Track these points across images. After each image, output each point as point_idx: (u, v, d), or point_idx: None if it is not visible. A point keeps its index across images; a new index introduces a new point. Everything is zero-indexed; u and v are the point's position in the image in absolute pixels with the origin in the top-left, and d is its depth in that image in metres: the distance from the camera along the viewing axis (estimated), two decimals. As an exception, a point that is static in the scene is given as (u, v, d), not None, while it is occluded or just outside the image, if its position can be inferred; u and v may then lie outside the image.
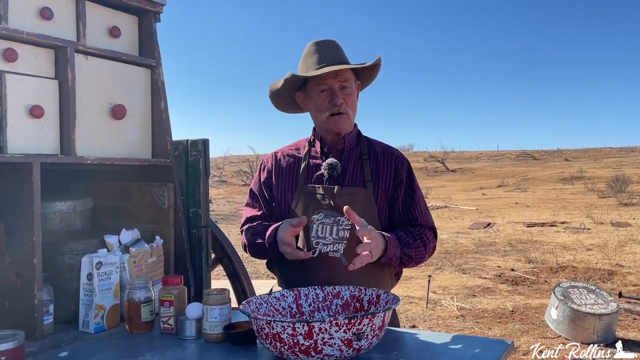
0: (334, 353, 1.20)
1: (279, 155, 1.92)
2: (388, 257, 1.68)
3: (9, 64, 1.51)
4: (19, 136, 1.51)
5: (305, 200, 1.78)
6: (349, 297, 1.51)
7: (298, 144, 1.94)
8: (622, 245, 8.94)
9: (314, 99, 1.80)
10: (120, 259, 1.67)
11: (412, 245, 1.73)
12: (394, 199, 1.80)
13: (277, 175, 1.87)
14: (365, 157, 1.81)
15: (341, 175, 1.79)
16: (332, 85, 1.76)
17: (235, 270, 2.37)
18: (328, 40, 1.84)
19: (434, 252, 1.83)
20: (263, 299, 1.47)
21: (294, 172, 1.85)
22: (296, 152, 1.90)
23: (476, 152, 48.19)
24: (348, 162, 1.81)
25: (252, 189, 1.95)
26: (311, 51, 1.81)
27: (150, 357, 1.35)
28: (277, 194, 1.85)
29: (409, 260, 1.74)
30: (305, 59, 1.82)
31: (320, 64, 1.77)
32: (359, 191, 1.76)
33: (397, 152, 1.87)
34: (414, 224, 1.79)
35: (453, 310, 5.42)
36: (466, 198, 19.83)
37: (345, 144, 1.82)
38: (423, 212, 1.81)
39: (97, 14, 1.75)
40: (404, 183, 1.81)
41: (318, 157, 1.85)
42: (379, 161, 1.82)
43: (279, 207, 1.83)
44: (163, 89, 1.88)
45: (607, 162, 33.84)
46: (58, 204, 1.79)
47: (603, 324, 4.36)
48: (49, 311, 1.56)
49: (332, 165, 1.78)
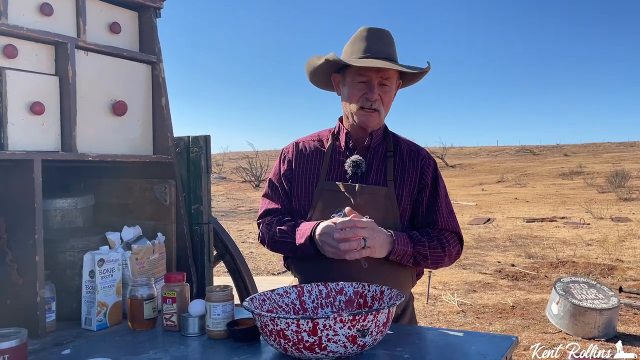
0: (339, 349, 1.20)
1: (301, 146, 1.84)
2: (398, 254, 1.63)
3: (9, 60, 1.50)
4: (20, 133, 1.50)
5: (325, 198, 1.72)
6: (352, 293, 1.51)
7: (321, 135, 1.87)
8: (622, 240, 8.95)
9: (350, 87, 1.72)
10: (122, 256, 1.66)
11: (427, 245, 1.66)
12: (418, 202, 1.74)
13: (298, 167, 1.80)
14: (390, 155, 1.75)
15: (365, 173, 1.73)
16: (372, 79, 1.68)
17: (237, 267, 2.37)
18: (382, 30, 1.73)
19: (457, 256, 1.75)
20: (266, 295, 1.46)
21: (316, 167, 1.78)
22: (319, 144, 1.83)
23: (475, 148, 48.19)
24: (373, 159, 1.75)
25: (271, 179, 1.88)
26: (361, 37, 1.72)
27: (154, 355, 1.34)
28: (297, 188, 1.79)
29: (424, 259, 1.67)
30: (353, 43, 1.73)
31: (366, 53, 1.69)
32: (380, 190, 1.70)
33: (424, 152, 1.80)
34: (434, 227, 1.73)
35: (454, 306, 5.42)
36: (466, 194, 19.82)
37: (371, 141, 1.76)
38: (445, 216, 1.74)
39: (97, 10, 1.74)
40: (429, 186, 1.75)
41: (342, 153, 1.78)
42: (404, 160, 1.75)
43: (298, 202, 1.78)
44: (164, 85, 1.87)
45: (606, 157, 33.85)
46: (59, 201, 1.78)
47: (604, 319, 4.36)
48: (51, 309, 1.56)
49: (357, 163, 1.72)
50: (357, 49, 1.71)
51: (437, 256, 1.68)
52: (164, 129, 1.87)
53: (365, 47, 1.70)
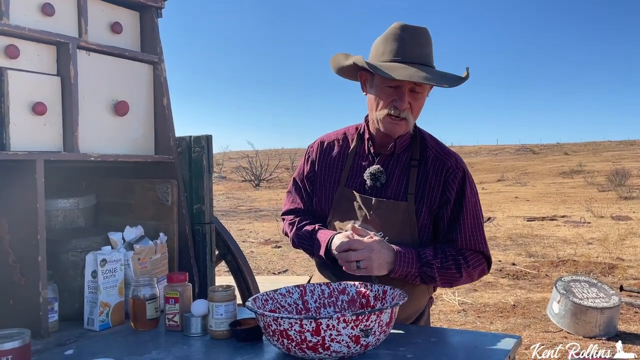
0: (342, 349, 1.20)
1: (326, 145, 1.78)
2: (399, 274, 1.54)
3: (11, 60, 1.50)
4: (22, 133, 1.50)
5: (342, 206, 1.67)
6: (354, 293, 1.51)
7: (347, 132, 1.77)
8: (622, 239, 8.95)
9: (378, 90, 1.59)
10: (125, 256, 1.66)
11: (437, 266, 1.54)
12: (439, 218, 1.61)
13: (321, 169, 1.76)
14: (415, 164, 1.62)
15: (385, 184, 1.63)
16: (403, 86, 1.54)
17: (239, 267, 2.36)
18: (418, 28, 1.56)
19: (481, 275, 1.62)
20: (269, 295, 1.46)
21: (338, 170, 1.72)
22: (344, 144, 1.75)
23: (475, 147, 48.16)
24: (395, 168, 1.64)
25: (295, 178, 1.85)
26: (394, 36, 1.56)
27: (156, 355, 1.34)
28: (318, 191, 1.75)
29: (431, 280, 1.56)
30: (385, 42, 1.58)
31: (399, 56, 1.54)
32: (399, 205, 1.60)
33: (451, 161, 1.63)
34: (453, 246, 1.60)
35: (454, 305, 5.42)
36: (466, 192, 19.80)
37: (395, 148, 1.65)
38: (467, 233, 1.59)
39: (98, 10, 1.73)
40: (452, 202, 1.60)
41: (365, 157, 1.69)
42: (428, 170, 1.62)
43: (319, 205, 1.74)
44: (165, 85, 1.87)
45: (606, 155, 33.84)
46: (61, 201, 1.78)
47: (605, 318, 4.36)
48: (54, 309, 1.56)
49: (375, 175, 1.63)
50: (389, 49, 1.56)
51: (450, 277, 1.57)
52: (165, 128, 1.87)
53: (398, 49, 1.55)
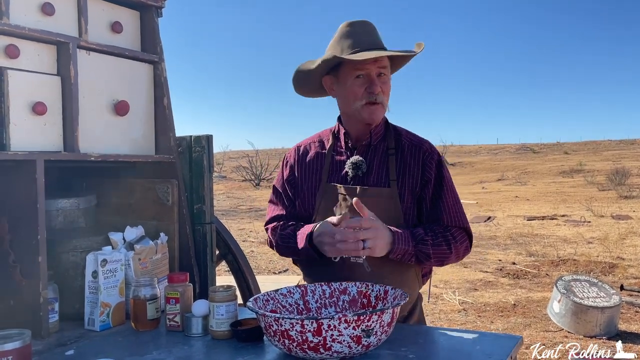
0: (343, 350, 1.19)
1: (302, 150, 1.83)
2: (398, 253, 1.59)
3: (11, 60, 1.50)
4: (22, 133, 1.50)
5: (328, 201, 1.70)
6: (356, 293, 1.50)
7: (321, 135, 1.84)
8: (622, 238, 8.95)
9: (348, 85, 1.66)
10: (125, 256, 1.66)
11: (430, 243, 1.61)
12: (422, 198, 1.68)
13: (300, 171, 1.79)
14: (392, 152, 1.70)
15: (366, 173, 1.69)
16: (371, 72, 1.63)
17: (239, 267, 2.36)
18: (364, 21, 1.70)
19: (466, 253, 1.70)
20: (270, 295, 1.46)
21: (318, 169, 1.76)
22: (319, 145, 1.81)
23: (476, 146, 48.13)
24: (374, 158, 1.71)
25: (275, 186, 1.87)
26: (346, 32, 1.67)
27: (157, 355, 1.34)
28: (300, 193, 1.77)
29: (426, 258, 1.62)
30: (340, 41, 1.68)
31: (356, 47, 1.63)
32: (382, 191, 1.66)
33: (426, 145, 1.73)
34: (439, 223, 1.68)
35: (455, 305, 5.42)
36: (466, 192, 19.82)
37: (372, 138, 1.72)
38: (451, 212, 1.68)
39: (98, 10, 1.73)
40: (432, 181, 1.69)
41: (342, 153, 1.75)
42: (405, 156, 1.70)
43: (302, 206, 1.76)
44: (166, 84, 1.87)
45: (606, 154, 33.82)
46: (61, 201, 1.77)
47: (605, 317, 4.36)
48: (54, 309, 1.55)
49: (356, 164, 1.69)
50: (346, 45, 1.66)
51: (441, 254, 1.63)
52: (166, 128, 1.87)
53: (353, 42, 1.65)
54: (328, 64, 1.68)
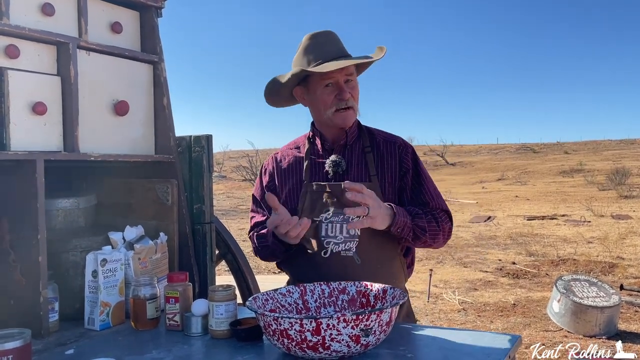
0: (342, 349, 1.20)
1: (279, 157, 1.87)
2: (399, 226, 1.61)
3: (11, 60, 1.50)
4: (22, 133, 1.50)
5: (312, 200, 1.73)
6: (355, 292, 1.51)
7: (297, 142, 1.89)
8: (622, 238, 8.95)
9: (318, 94, 1.74)
10: (125, 256, 1.66)
11: (424, 218, 1.68)
12: (402, 189, 1.76)
13: (280, 177, 1.83)
14: (368, 150, 1.77)
15: (346, 171, 1.75)
16: (339, 80, 1.72)
17: (239, 266, 2.37)
18: (326, 31, 1.77)
19: (450, 235, 1.77)
20: (269, 295, 1.46)
21: (297, 173, 1.80)
22: (296, 151, 1.85)
23: (476, 146, 48.12)
24: (352, 156, 1.77)
25: (254, 195, 1.90)
26: (310, 45, 1.75)
27: (157, 354, 1.34)
28: (283, 196, 1.80)
29: (422, 232, 1.66)
30: (305, 53, 1.75)
31: (322, 58, 1.71)
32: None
33: (400, 140, 1.82)
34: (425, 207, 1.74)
35: (455, 304, 5.42)
36: (466, 192, 19.83)
37: (347, 138, 1.78)
38: (434, 196, 1.76)
39: (98, 10, 1.74)
40: (410, 171, 1.77)
41: (320, 155, 1.80)
42: (382, 152, 1.77)
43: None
44: (166, 84, 1.88)
45: (607, 154, 33.82)
46: (62, 201, 1.78)
47: (605, 317, 4.37)
48: (54, 309, 1.56)
49: (336, 162, 1.74)
50: (311, 58, 1.73)
51: (433, 231, 1.69)
52: (165, 128, 1.87)
53: (319, 53, 1.72)
54: (298, 77, 1.75)
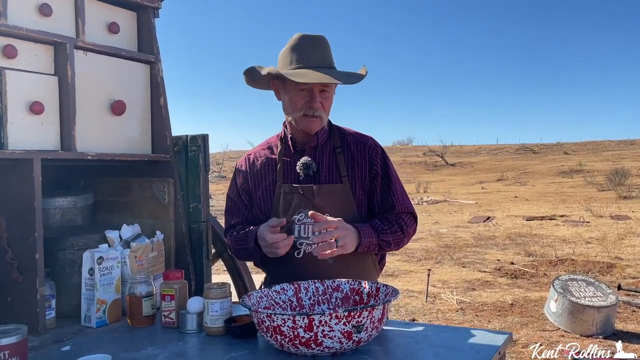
0: (334, 345, 1.21)
1: (252, 158, 1.88)
2: (365, 246, 1.69)
3: (8, 60, 1.52)
4: (20, 132, 1.52)
5: (285, 201, 1.75)
6: (348, 290, 1.52)
7: (270, 142, 1.89)
8: (621, 238, 8.96)
9: (291, 95, 1.75)
10: (122, 253, 1.68)
11: (389, 231, 1.74)
12: (372, 190, 1.79)
13: (253, 178, 1.84)
14: (339, 151, 1.79)
15: (317, 172, 1.77)
16: (313, 89, 1.72)
17: (235, 265, 2.38)
18: (316, 36, 1.76)
19: (414, 234, 1.85)
20: (263, 292, 1.48)
21: (270, 174, 1.81)
22: (269, 152, 1.86)
23: (475, 146, 48.11)
24: (322, 157, 1.79)
25: (229, 195, 1.90)
26: (297, 45, 1.74)
27: (152, 351, 1.36)
28: (256, 198, 1.82)
29: (387, 245, 1.75)
30: (291, 52, 1.74)
31: (304, 62, 1.71)
32: (336, 187, 1.75)
33: (370, 141, 1.84)
34: (392, 211, 1.79)
35: (453, 304, 5.44)
36: (466, 192, 19.84)
37: (318, 140, 1.79)
38: (400, 199, 1.81)
39: (95, 10, 1.75)
40: (380, 174, 1.80)
41: (292, 156, 1.81)
42: (352, 153, 1.79)
43: (260, 210, 1.81)
44: (162, 84, 1.89)
45: (606, 155, 33.82)
46: (59, 199, 1.80)
47: (602, 317, 4.38)
48: (51, 306, 1.58)
49: (306, 164, 1.76)
50: (294, 58, 1.72)
51: (398, 239, 1.76)
52: (162, 128, 1.89)
53: (302, 57, 1.72)
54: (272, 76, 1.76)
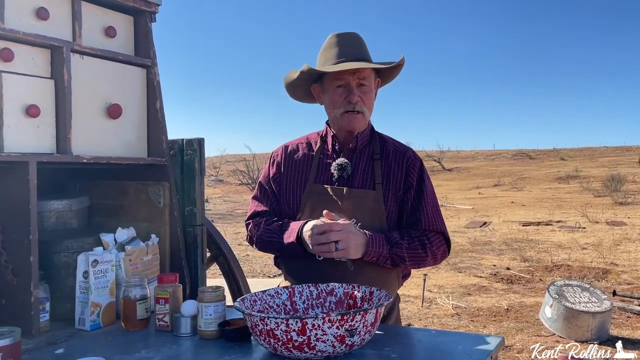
0: (327, 349, 1.22)
1: (290, 149, 1.87)
2: (372, 256, 1.64)
3: (5, 63, 1.52)
4: (16, 135, 1.52)
5: (314, 201, 1.74)
6: (342, 294, 1.53)
7: (310, 137, 1.89)
8: (616, 244, 8.99)
9: (330, 93, 1.74)
10: (116, 257, 1.68)
11: (405, 247, 1.67)
12: (404, 202, 1.75)
13: (287, 170, 1.83)
14: (377, 157, 1.76)
15: (351, 176, 1.75)
16: (350, 82, 1.70)
17: (230, 269, 2.39)
18: (350, 33, 1.77)
19: (444, 257, 1.76)
20: (257, 296, 1.48)
21: (304, 170, 1.80)
22: (307, 147, 1.85)
23: (472, 152, 48.20)
24: (359, 161, 1.77)
25: (261, 182, 1.91)
26: (331, 43, 1.75)
27: (146, 354, 1.36)
28: (285, 191, 1.81)
29: (401, 260, 1.68)
30: (325, 51, 1.76)
31: (339, 58, 1.71)
32: (368, 193, 1.72)
33: (410, 152, 1.80)
34: (417, 227, 1.73)
35: (448, 309, 5.44)
36: (462, 197, 19.87)
37: (357, 143, 1.78)
38: (429, 216, 1.74)
39: (92, 14, 1.76)
40: (414, 186, 1.75)
41: (329, 155, 1.80)
42: (390, 162, 1.76)
43: (287, 205, 1.80)
44: (159, 88, 1.90)
45: (602, 161, 33.93)
46: (54, 202, 1.80)
47: (597, 322, 4.39)
48: (45, 309, 1.57)
49: (342, 166, 1.74)
50: (330, 56, 1.73)
51: (417, 257, 1.69)
52: (158, 131, 1.89)
53: (337, 52, 1.72)
54: (309, 74, 1.76)
